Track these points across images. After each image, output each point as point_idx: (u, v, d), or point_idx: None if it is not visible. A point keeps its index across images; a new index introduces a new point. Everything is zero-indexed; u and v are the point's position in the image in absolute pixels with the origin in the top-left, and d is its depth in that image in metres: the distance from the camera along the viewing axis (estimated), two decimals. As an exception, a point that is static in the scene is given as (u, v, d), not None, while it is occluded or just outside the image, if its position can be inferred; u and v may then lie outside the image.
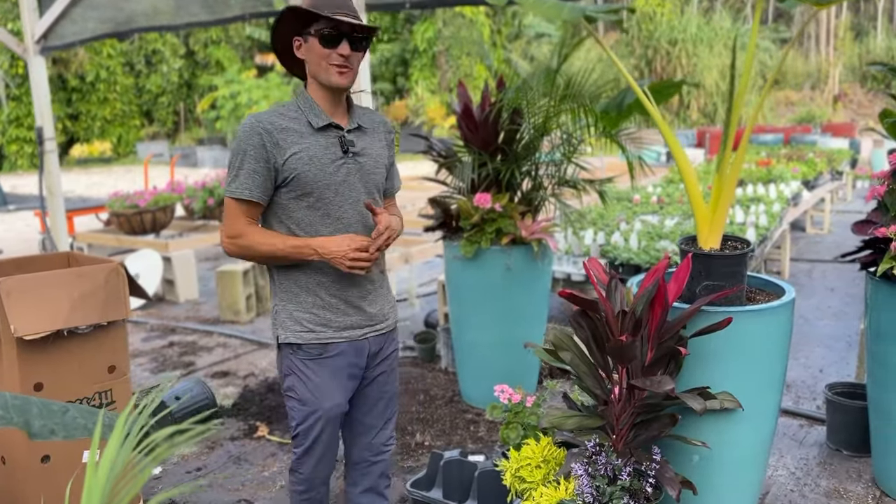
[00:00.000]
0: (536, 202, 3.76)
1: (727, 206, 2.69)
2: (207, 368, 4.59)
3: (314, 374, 2.06)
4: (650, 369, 2.45)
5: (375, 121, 2.19)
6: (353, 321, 2.09)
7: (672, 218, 5.98)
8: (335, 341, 2.07)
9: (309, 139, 2.00)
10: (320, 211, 2.02)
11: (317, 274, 2.05)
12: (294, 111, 2.03)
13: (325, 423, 2.10)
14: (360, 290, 2.09)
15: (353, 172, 2.05)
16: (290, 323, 2.06)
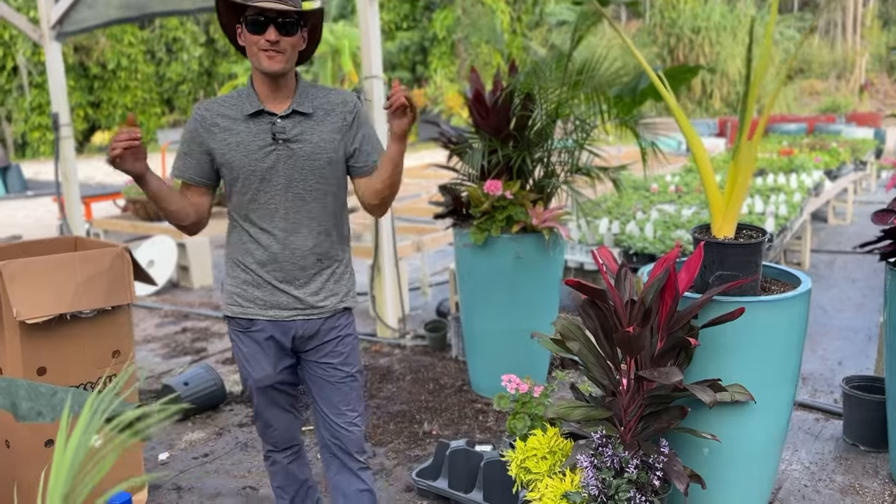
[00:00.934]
0: (549, 190, 3.69)
1: (742, 195, 2.62)
2: (219, 355, 4.59)
3: (244, 344, 2.16)
4: (659, 360, 2.40)
5: (332, 101, 2.11)
6: (280, 302, 2.11)
7: (689, 207, 5.88)
8: (259, 318, 2.12)
9: (240, 125, 2.03)
10: (247, 196, 2.05)
11: (249, 254, 2.10)
12: (237, 97, 2.08)
13: (258, 392, 2.19)
14: (288, 274, 2.09)
15: (282, 159, 2.03)
16: (225, 296, 2.18)
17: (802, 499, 2.78)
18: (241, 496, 2.92)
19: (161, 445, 3.37)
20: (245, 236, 2.09)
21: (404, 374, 4.08)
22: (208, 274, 6.49)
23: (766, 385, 2.47)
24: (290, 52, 2.00)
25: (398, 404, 3.70)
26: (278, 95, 2.05)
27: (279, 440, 2.30)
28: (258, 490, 2.96)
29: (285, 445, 2.32)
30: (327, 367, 2.19)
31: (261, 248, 2.07)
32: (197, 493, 2.94)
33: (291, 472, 2.36)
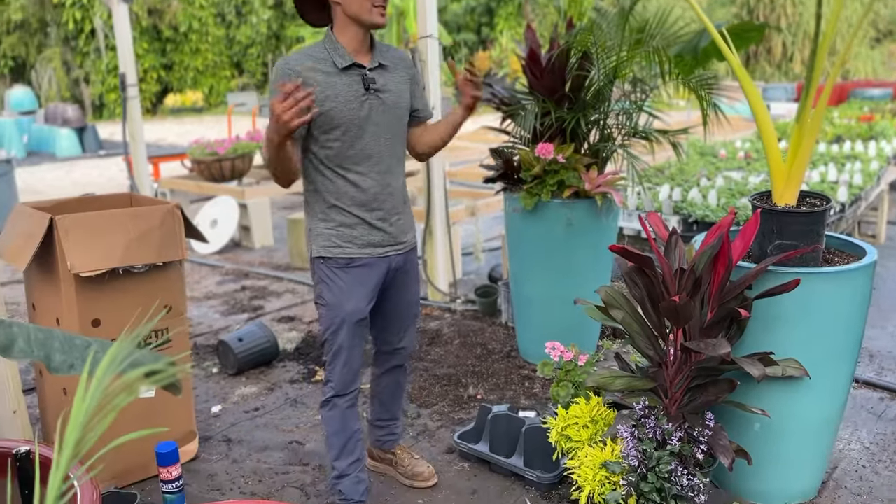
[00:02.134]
0: (604, 154, 3.58)
1: (806, 161, 2.48)
2: (275, 313, 4.68)
3: (339, 279, 2.29)
4: (709, 331, 2.31)
5: (396, 57, 2.34)
6: (376, 240, 2.30)
7: (758, 175, 5.63)
8: (359, 256, 2.29)
9: (334, 78, 2.17)
10: (346, 144, 2.20)
11: (346, 198, 2.25)
12: (321, 52, 2.19)
13: (347, 326, 2.31)
14: (384, 213, 2.30)
15: (375, 108, 2.22)
16: (321, 239, 2.29)
17: (859, 479, 2.66)
18: (287, 450, 2.98)
19: (215, 399, 3.47)
20: (340, 181, 2.24)
21: (453, 337, 4.08)
22: (269, 234, 6.62)
23: (823, 360, 2.36)
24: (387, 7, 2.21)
25: (445, 367, 3.70)
26: (363, 49, 2.23)
27: (349, 381, 2.40)
28: (304, 445, 3.02)
29: (352, 388, 2.42)
30: (405, 292, 2.48)
31: (359, 191, 2.24)
32: (246, 446, 3.03)
33: (347, 418, 2.44)
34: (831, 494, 2.57)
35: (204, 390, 3.56)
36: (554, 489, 2.63)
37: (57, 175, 11.61)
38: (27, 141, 14.16)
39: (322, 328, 2.36)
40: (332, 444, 2.45)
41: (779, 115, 13.62)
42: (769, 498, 2.52)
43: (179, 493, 2.45)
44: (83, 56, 22.53)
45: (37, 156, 13.81)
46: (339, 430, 2.43)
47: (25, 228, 2.58)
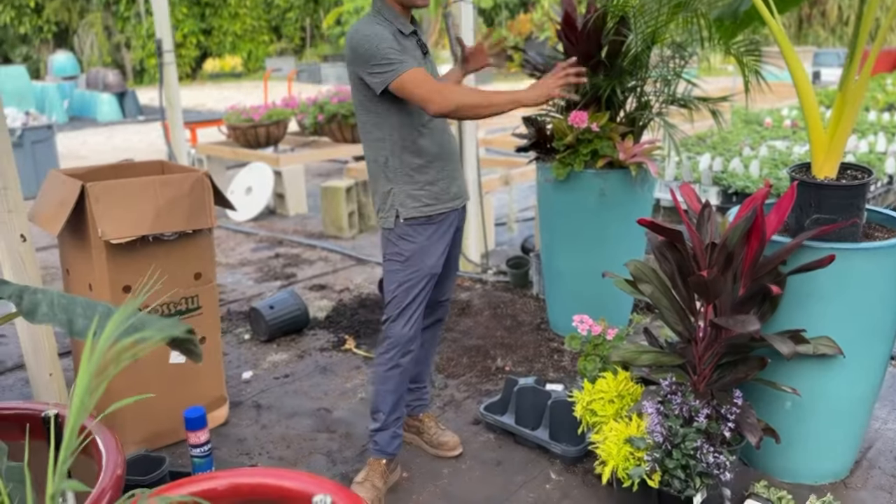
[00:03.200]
0: (641, 122, 3.49)
1: (848, 132, 2.38)
2: (307, 281, 4.72)
3: (423, 237, 2.36)
4: (740, 307, 2.25)
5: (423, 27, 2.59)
6: (454, 193, 2.43)
7: (803, 144, 5.46)
8: (443, 210, 2.39)
9: (404, 42, 2.28)
10: (414, 106, 2.26)
11: (424, 154, 2.33)
12: (382, 21, 2.27)
13: (426, 280, 2.38)
14: (455, 167, 2.44)
15: (429, 70, 2.36)
16: (409, 201, 2.34)
17: (894, 460, 2.59)
18: (315, 416, 3.02)
19: (246, 365, 3.52)
20: (420, 141, 2.32)
21: (483, 309, 4.07)
22: (303, 202, 6.65)
23: (858, 339, 2.29)
24: None
25: (474, 339, 3.70)
26: (408, 16, 2.35)
27: (412, 337, 2.42)
28: (332, 412, 3.05)
29: (412, 346, 2.44)
30: (457, 250, 2.59)
31: (435, 147, 2.35)
32: (275, 412, 3.07)
33: (404, 377, 2.47)
34: (864, 474, 2.51)
35: (236, 356, 3.62)
36: (578, 462, 2.62)
37: (98, 140, 11.82)
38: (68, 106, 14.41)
39: (393, 285, 2.39)
40: (384, 399, 2.47)
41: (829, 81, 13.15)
42: (799, 476, 2.48)
43: (208, 458, 2.50)
44: (124, 21, 22.76)
45: (78, 121, 14.06)
46: (394, 389, 2.45)
47: (58, 195, 2.62)
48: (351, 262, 5.13)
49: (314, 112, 7.05)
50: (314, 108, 7.07)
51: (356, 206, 5.92)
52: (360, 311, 4.14)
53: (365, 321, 3.99)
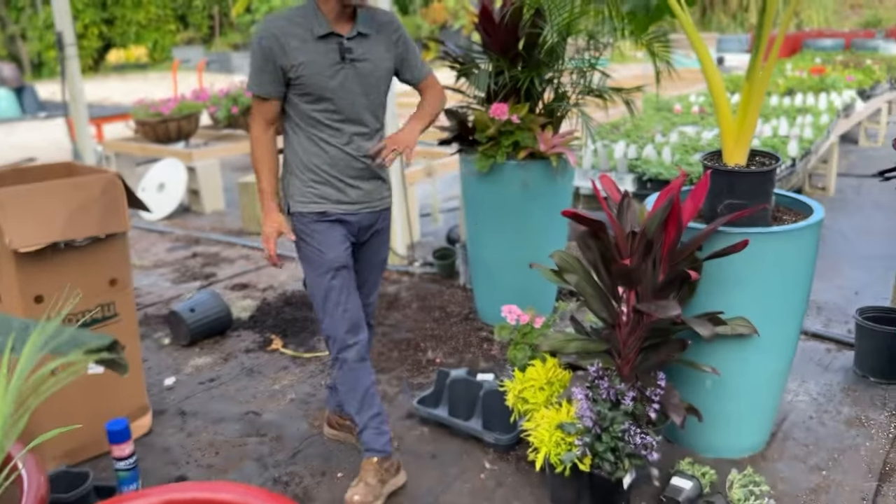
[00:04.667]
0: (559, 113, 3.55)
1: (755, 119, 2.48)
2: (228, 280, 4.60)
3: (317, 232, 2.35)
4: (661, 292, 2.33)
5: (382, 22, 2.37)
6: (349, 197, 2.37)
7: (711, 130, 5.68)
8: (333, 211, 2.36)
9: (311, 45, 2.22)
10: (319, 107, 2.28)
11: (317, 155, 2.32)
12: (301, 17, 2.24)
13: (335, 273, 2.35)
14: (355, 171, 2.36)
15: (350, 77, 2.28)
16: (296, 194, 2.36)
17: (806, 430, 2.75)
18: (244, 421, 2.96)
19: (168, 371, 3.41)
20: (311, 142, 2.31)
21: (411, 301, 4.07)
22: (219, 198, 6.47)
23: (772, 318, 2.41)
24: None
25: (403, 332, 3.69)
26: (343, 17, 2.26)
27: (349, 329, 2.38)
28: (261, 415, 2.99)
29: (355, 338, 2.39)
30: (373, 254, 2.55)
31: (332, 152, 2.31)
32: (201, 418, 2.99)
33: (358, 373, 2.40)
34: (780, 446, 2.65)
35: (156, 362, 3.49)
36: (511, 450, 2.66)
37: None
38: (-40, 103, 13.50)
39: (309, 284, 2.41)
40: (348, 401, 2.43)
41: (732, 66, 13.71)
42: (720, 451, 2.59)
43: (133, 470, 2.41)
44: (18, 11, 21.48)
45: (-29, 119, 13.20)
46: (352, 388, 2.41)
47: (-44, 203, 2.45)
48: (273, 258, 5.02)
49: (228, 104, 6.86)
50: (227, 100, 6.88)
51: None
52: (286, 309, 4.07)
53: (291, 319, 3.92)
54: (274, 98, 2.28)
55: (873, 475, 2.45)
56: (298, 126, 2.32)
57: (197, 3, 24.29)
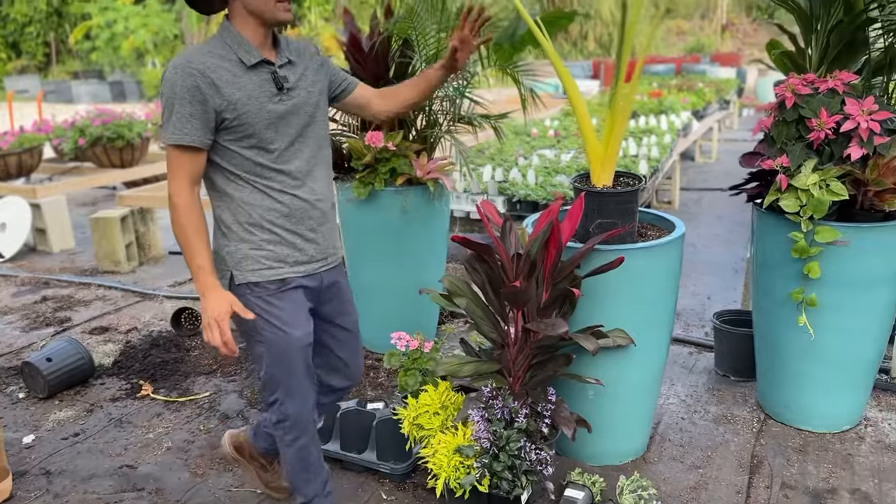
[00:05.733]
0: (431, 140, 3.61)
1: (619, 142, 2.65)
2: (85, 324, 4.28)
3: (278, 308, 2.02)
4: (545, 311, 2.42)
5: (299, 49, 2.10)
6: (309, 255, 2.07)
7: (568, 152, 5.98)
8: (291, 276, 2.05)
9: (244, 78, 1.92)
10: (262, 151, 1.96)
11: (271, 212, 2.00)
12: (222, 48, 1.92)
13: (298, 353, 2.05)
14: (314, 224, 2.07)
15: (290, 109, 1.99)
16: (244, 261, 2.01)
17: (680, 431, 2.93)
18: (118, 475, 2.75)
19: (26, 428, 3.11)
20: (259, 195, 1.99)
21: (290, 333, 3.96)
22: (69, 236, 6.02)
23: (645, 327, 2.56)
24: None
25: (285, 366, 3.58)
26: (267, 44, 1.98)
27: (306, 414, 2.13)
28: (136, 468, 2.79)
29: (312, 428, 2.18)
30: (348, 313, 2.26)
31: (285, 201, 2.00)
32: (69, 477, 2.75)
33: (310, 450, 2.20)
34: (658, 448, 2.81)
35: (11, 419, 3.18)
36: (408, 478, 2.64)
37: None
38: None
39: (264, 367, 2.06)
40: (296, 481, 2.22)
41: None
42: (605, 459, 2.71)
43: (-5, 544, 2.18)
44: None
45: None
46: (303, 468, 2.20)
47: None
48: (135, 297, 4.74)
49: (74, 136, 6.42)
50: (73, 132, 6.44)
51: (134, 237, 5.48)
52: (154, 351, 3.84)
53: (161, 362, 3.70)
54: (206, 149, 1.93)
55: (744, 469, 2.65)
56: (238, 177, 1.97)
57: (30, 29, 22.64)
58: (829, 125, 2.52)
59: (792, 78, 2.68)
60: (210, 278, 1.92)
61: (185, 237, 1.92)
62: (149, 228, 5.66)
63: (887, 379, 3.23)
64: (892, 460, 2.68)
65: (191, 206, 1.92)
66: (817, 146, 2.59)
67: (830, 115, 2.52)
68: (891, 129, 2.51)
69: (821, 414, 2.87)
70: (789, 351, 2.83)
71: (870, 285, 2.64)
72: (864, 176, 2.52)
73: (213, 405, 3.26)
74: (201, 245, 1.93)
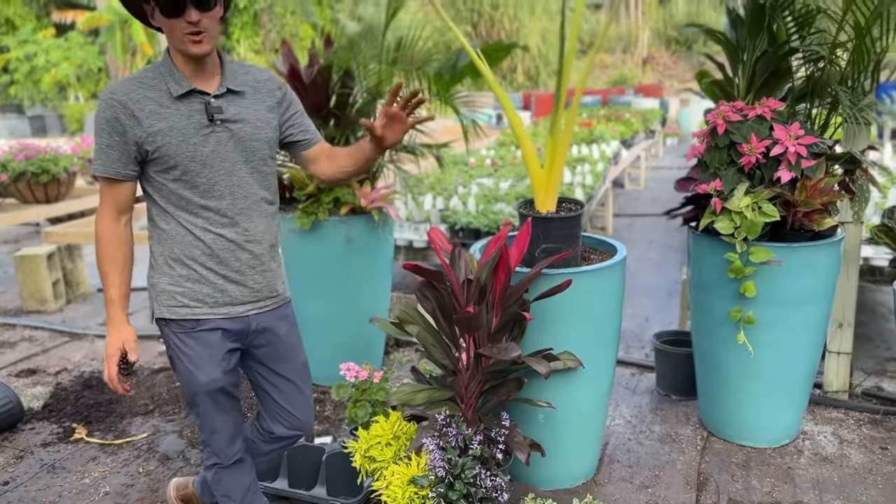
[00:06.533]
0: (374, 169, 3.62)
1: (561, 169, 2.71)
2: (11, 367, 4.07)
3: (187, 347, 1.98)
4: (496, 336, 2.43)
5: (259, 79, 2.01)
6: (234, 297, 1.99)
7: (506, 180, 6.08)
8: (209, 317, 1.98)
9: (169, 108, 1.86)
10: (188, 184, 1.90)
11: (193, 248, 1.94)
12: (154, 77, 1.88)
13: (206, 397, 2.01)
14: (243, 265, 1.99)
15: (223, 142, 1.91)
16: (163, 297, 1.97)
17: (628, 451, 2.98)
18: (52, 526, 2.60)
19: (-54, 479, 2.92)
20: (183, 230, 1.93)
21: (231, 369, 3.85)
22: (-10, 274, 5.74)
23: (593, 349, 2.60)
24: (214, 29, 1.85)
25: (227, 402, 3.48)
26: (205, 73, 1.90)
27: (226, 446, 2.11)
28: (73, 516, 2.65)
29: (234, 457, 2.15)
30: (288, 360, 2.15)
31: (208, 239, 1.93)
32: (-3, 530, 2.59)
33: (237, 476, 2.17)
34: (607, 470, 2.85)
35: (-69, 472, 2.98)
36: (361, 512, 2.59)
37: None
38: None
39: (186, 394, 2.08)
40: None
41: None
42: (557, 483, 2.72)
43: None
44: None
45: None
46: (231, 490, 2.17)
47: None
48: (64, 338, 4.54)
49: (-5, 172, 6.14)
50: (-5, 168, 6.16)
51: (61, 274, 5.26)
52: (87, 393, 3.68)
53: (94, 404, 3.54)
54: (127, 180, 1.89)
55: (691, 486, 2.71)
56: (164, 211, 1.93)
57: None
58: (759, 150, 2.64)
59: (722, 105, 2.80)
60: (115, 313, 1.92)
61: (100, 268, 1.92)
62: (76, 265, 5.45)
63: (821, 393, 3.37)
64: (829, 472, 2.79)
65: (110, 236, 1.91)
66: (748, 170, 2.71)
67: (760, 141, 2.65)
68: (817, 153, 2.65)
69: (761, 429, 2.96)
70: (729, 368, 2.92)
71: (802, 302, 2.76)
72: (794, 197, 2.65)
73: (152, 446, 3.13)
74: (114, 277, 1.91)
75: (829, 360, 3.32)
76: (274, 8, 21.40)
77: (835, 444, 2.98)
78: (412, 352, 4.00)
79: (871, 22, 2.61)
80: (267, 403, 2.21)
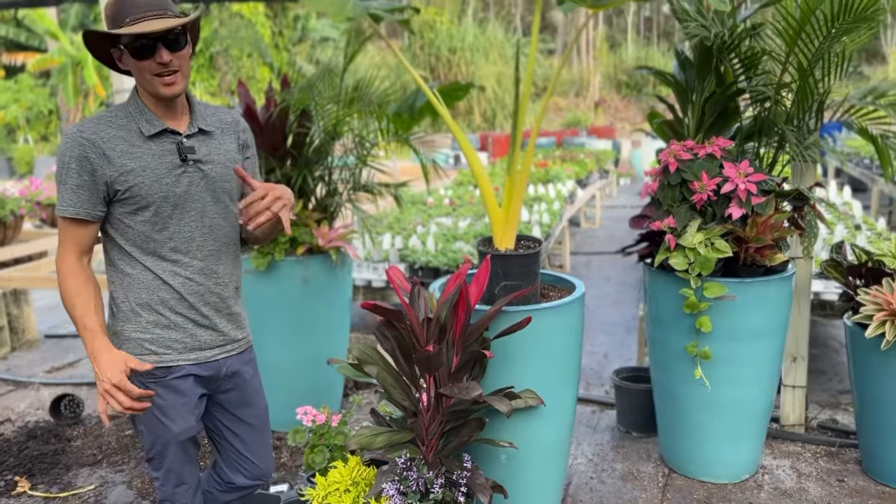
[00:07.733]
0: (332, 208, 3.60)
1: (519, 207, 2.73)
2: (-51, 418, 3.88)
3: (158, 397, 1.90)
4: (456, 375, 2.41)
5: (225, 121, 2.00)
6: (203, 341, 1.95)
7: (465, 219, 6.11)
8: (179, 363, 1.92)
9: (140, 148, 1.82)
10: (158, 226, 1.85)
11: (161, 292, 1.89)
12: (124, 117, 1.84)
13: (177, 447, 1.95)
14: (211, 308, 1.95)
15: (196, 182, 1.87)
16: (130, 345, 1.89)
17: (590, 491, 2.95)
18: (-11, 587, 2.45)
19: None
20: (150, 274, 1.87)
21: (184, 415, 3.73)
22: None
23: (553, 387, 2.59)
24: (185, 67, 1.84)
25: (180, 450, 3.36)
26: (175, 112, 1.88)
27: (190, 499, 2.03)
28: (12, 576, 2.51)
29: (196, 494, 2.07)
30: (252, 405, 2.10)
31: (177, 284, 1.89)
32: None
33: None
34: (571, 509, 2.82)
35: None
36: (319, 562, 2.50)
37: None
38: None
39: (146, 447, 1.97)
40: None
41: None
42: (521, 524, 2.68)
43: None
44: None
45: None
46: None
47: None
48: (7, 386, 4.35)
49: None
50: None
51: (6, 321, 5.07)
52: (30, 443, 3.51)
53: (38, 455, 3.39)
54: (95, 221, 1.83)
55: (654, 522, 2.69)
56: (129, 255, 1.87)
57: None
58: (710, 187, 2.70)
59: (673, 144, 2.87)
60: (99, 341, 1.78)
61: (70, 302, 1.81)
62: (22, 311, 5.27)
63: (778, 427, 3.41)
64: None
65: (75, 270, 1.83)
66: (700, 207, 2.76)
67: (711, 178, 2.71)
68: (766, 190, 2.72)
69: (721, 464, 2.97)
70: (687, 403, 2.94)
71: (756, 336, 2.81)
72: (745, 234, 2.70)
73: (100, 499, 3.00)
74: (87, 308, 1.80)
75: (785, 393, 3.37)
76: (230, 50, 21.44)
77: (793, 478, 3.00)
78: (372, 393, 3.93)
79: (813, 63, 2.72)
80: (227, 452, 2.13)
